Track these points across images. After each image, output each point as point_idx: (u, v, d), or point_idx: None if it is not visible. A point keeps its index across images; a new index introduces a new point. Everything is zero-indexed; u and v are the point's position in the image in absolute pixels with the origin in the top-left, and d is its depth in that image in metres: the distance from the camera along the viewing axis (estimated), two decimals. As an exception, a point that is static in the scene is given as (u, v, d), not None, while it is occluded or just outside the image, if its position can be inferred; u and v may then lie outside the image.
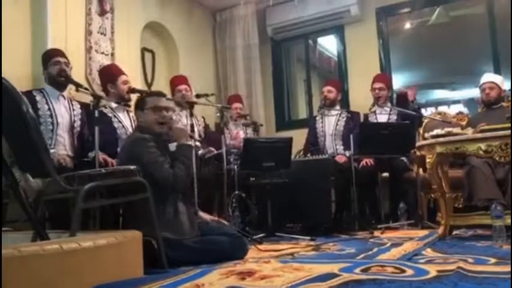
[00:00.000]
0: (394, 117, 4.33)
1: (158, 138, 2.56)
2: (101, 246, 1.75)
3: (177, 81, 4.32)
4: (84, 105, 3.38)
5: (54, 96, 3.17)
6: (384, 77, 4.72)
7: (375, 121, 4.39)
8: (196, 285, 1.74)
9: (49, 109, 3.10)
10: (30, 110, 1.95)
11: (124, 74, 3.63)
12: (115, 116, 3.51)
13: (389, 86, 4.50)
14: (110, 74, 3.64)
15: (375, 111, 4.45)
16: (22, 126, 1.90)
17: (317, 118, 4.66)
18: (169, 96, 3.90)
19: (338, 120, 4.47)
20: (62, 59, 3.19)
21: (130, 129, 3.53)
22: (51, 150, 2.93)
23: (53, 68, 3.16)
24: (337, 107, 4.59)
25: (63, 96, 3.24)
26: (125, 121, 3.55)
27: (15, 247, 1.45)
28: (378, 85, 4.42)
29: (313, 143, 4.52)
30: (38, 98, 3.08)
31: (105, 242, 1.78)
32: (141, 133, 2.55)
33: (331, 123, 4.49)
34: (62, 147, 3.10)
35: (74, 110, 3.27)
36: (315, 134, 4.56)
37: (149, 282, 1.77)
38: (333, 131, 4.45)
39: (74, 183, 2.03)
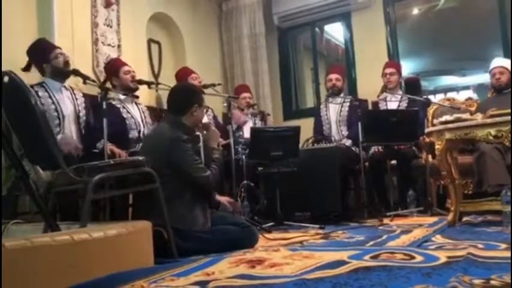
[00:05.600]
0: (404, 105, 4.29)
1: (193, 138, 2.61)
2: (112, 237, 1.76)
3: (187, 71, 4.33)
4: (92, 97, 3.39)
5: (56, 89, 3.13)
6: (395, 63, 4.66)
7: (385, 108, 4.35)
8: (206, 273, 1.75)
9: (53, 102, 3.07)
10: (39, 103, 1.97)
11: (126, 65, 3.63)
12: (124, 107, 3.53)
13: (400, 72, 4.44)
14: (112, 68, 3.66)
15: (385, 98, 4.40)
16: (31, 119, 1.92)
17: (321, 107, 4.64)
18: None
19: (342, 106, 4.44)
20: (60, 50, 3.18)
21: (140, 121, 3.53)
22: (58, 136, 2.96)
23: (57, 61, 3.13)
24: (341, 94, 4.56)
25: (65, 87, 3.22)
26: (134, 112, 3.56)
27: (27, 238, 1.47)
28: (389, 70, 4.37)
29: (320, 132, 4.50)
30: (41, 92, 3.03)
31: (115, 233, 1.79)
32: (182, 128, 2.54)
33: (335, 110, 4.46)
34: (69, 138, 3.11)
35: (77, 99, 3.25)
36: (321, 122, 4.55)
37: (160, 271, 1.78)
38: (337, 118, 4.42)
39: (84, 175, 2.05)
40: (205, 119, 4.13)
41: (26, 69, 3.14)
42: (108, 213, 2.55)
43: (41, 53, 3.15)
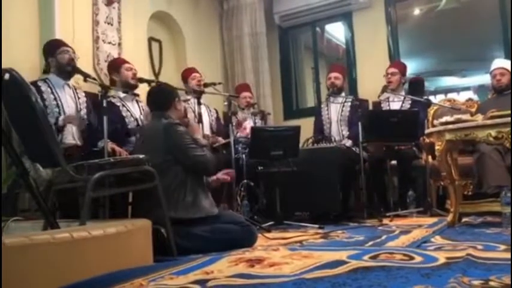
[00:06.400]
0: (407, 105, 4.28)
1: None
2: (111, 235, 1.77)
3: (191, 70, 4.39)
4: (92, 95, 3.39)
5: (60, 86, 3.16)
6: (399, 63, 4.63)
7: (388, 108, 4.34)
8: (205, 272, 1.75)
9: (55, 99, 3.09)
10: (39, 100, 1.97)
11: (128, 62, 3.65)
12: (123, 105, 3.53)
13: (403, 72, 4.43)
14: (114, 65, 3.71)
15: (388, 98, 4.39)
16: (31, 117, 1.92)
17: (322, 106, 4.64)
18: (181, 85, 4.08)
19: (343, 106, 4.44)
20: (69, 48, 3.21)
21: (139, 118, 3.54)
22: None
23: (62, 56, 3.16)
24: (343, 94, 4.55)
25: (68, 85, 3.24)
26: (134, 110, 3.57)
27: (27, 235, 1.47)
28: (391, 70, 4.36)
29: (320, 131, 4.50)
30: (43, 88, 3.07)
31: (114, 231, 1.79)
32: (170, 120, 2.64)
33: (336, 109, 4.46)
34: (70, 137, 3.12)
35: (79, 98, 3.27)
36: (321, 121, 4.54)
37: (159, 270, 1.78)
38: (338, 117, 4.42)
39: (84, 173, 2.05)
40: (206, 120, 4.15)
41: (44, 71, 3.25)
42: (107, 211, 2.55)
43: (50, 48, 3.21)
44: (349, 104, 4.40)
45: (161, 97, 2.79)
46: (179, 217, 2.42)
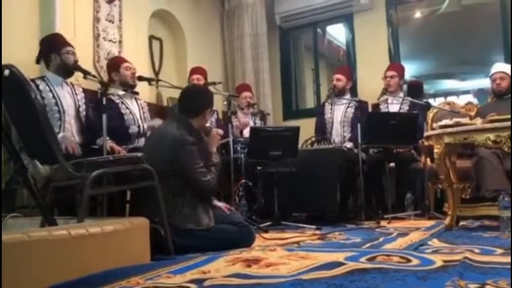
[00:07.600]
0: (406, 108, 4.29)
1: (199, 137, 2.59)
2: (109, 233, 1.76)
3: (194, 71, 4.39)
4: (92, 93, 3.39)
5: (58, 83, 3.14)
6: (397, 66, 4.64)
7: (386, 110, 4.35)
8: (202, 271, 1.75)
9: (54, 97, 3.07)
10: (39, 97, 1.97)
11: (127, 61, 3.64)
12: (122, 103, 3.53)
13: (401, 75, 4.44)
14: (113, 64, 3.69)
15: (386, 100, 4.40)
16: (31, 113, 1.92)
17: (326, 104, 4.63)
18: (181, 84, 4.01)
19: (347, 108, 4.43)
20: (72, 49, 3.19)
21: (138, 117, 3.54)
22: (60, 134, 2.94)
23: (68, 57, 3.14)
24: (348, 96, 4.54)
25: (66, 83, 3.22)
26: (133, 108, 3.57)
27: (24, 232, 1.47)
28: (390, 73, 4.37)
29: (322, 131, 4.50)
30: (42, 86, 3.05)
31: (112, 229, 1.79)
32: (189, 130, 2.53)
33: (340, 111, 4.45)
34: (70, 134, 3.11)
35: (77, 94, 3.25)
36: (324, 120, 4.54)
37: (156, 268, 1.78)
38: (341, 119, 4.42)
39: (82, 170, 2.05)
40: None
41: (37, 61, 3.17)
42: (105, 209, 2.54)
43: (55, 44, 3.16)
44: (353, 106, 4.39)
45: (196, 102, 2.60)
46: (176, 226, 2.38)
